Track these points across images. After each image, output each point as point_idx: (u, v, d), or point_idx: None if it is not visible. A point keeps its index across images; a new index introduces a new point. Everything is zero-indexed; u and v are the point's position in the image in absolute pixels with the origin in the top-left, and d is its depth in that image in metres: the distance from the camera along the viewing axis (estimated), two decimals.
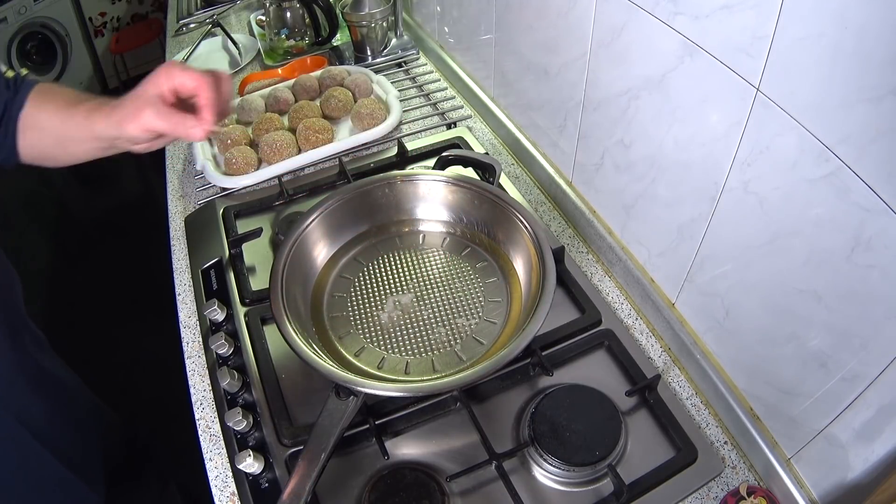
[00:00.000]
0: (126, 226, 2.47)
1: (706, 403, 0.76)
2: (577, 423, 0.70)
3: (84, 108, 0.67)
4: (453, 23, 1.23)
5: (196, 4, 1.67)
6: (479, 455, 0.69)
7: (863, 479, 0.57)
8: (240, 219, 1.00)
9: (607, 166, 0.85)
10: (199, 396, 0.80)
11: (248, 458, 0.67)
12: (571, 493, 0.68)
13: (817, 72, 0.49)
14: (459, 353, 0.74)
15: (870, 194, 0.47)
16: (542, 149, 1.04)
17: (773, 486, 0.67)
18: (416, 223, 0.88)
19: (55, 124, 0.69)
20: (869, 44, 0.44)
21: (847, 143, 0.48)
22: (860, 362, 0.53)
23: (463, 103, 1.24)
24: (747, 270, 0.64)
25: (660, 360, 0.80)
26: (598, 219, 0.91)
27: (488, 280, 0.81)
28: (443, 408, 0.75)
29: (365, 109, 1.11)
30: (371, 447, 0.72)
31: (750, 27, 0.53)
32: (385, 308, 0.79)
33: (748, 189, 0.60)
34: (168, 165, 1.15)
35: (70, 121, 0.68)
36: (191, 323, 0.88)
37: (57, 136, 0.70)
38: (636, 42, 0.70)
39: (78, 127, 0.68)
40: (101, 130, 0.66)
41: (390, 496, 0.66)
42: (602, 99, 0.80)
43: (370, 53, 1.35)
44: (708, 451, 0.70)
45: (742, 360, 0.70)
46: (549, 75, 0.92)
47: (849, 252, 0.51)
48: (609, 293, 0.88)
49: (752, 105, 0.56)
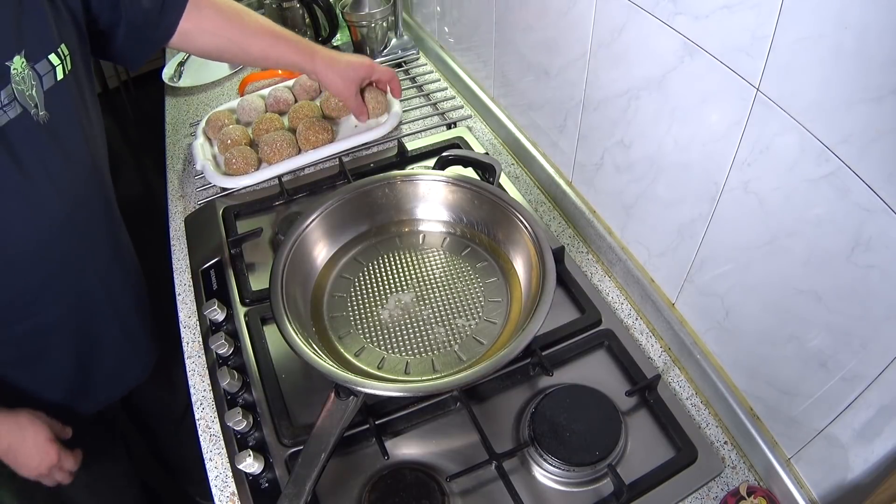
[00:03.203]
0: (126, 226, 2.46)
1: (706, 403, 0.76)
2: (577, 423, 0.70)
3: (285, 36, 0.93)
4: (453, 23, 1.23)
5: None
6: (479, 455, 0.69)
7: (863, 479, 0.57)
8: (240, 219, 0.99)
9: (607, 166, 0.85)
10: (199, 396, 0.80)
11: (248, 458, 0.67)
12: (571, 493, 0.68)
13: (817, 72, 0.49)
14: (459, 353, 0.74)
15: (870, 194, 0.47)
16: (542, 149, 1.04)
17: (773, 486, 0.67)
18: (416, 223, 0.88)
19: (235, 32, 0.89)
20: (869, 44, 0.44)
21: (847, 143, 0.48)
22: (860, 362, 0.53)
23: (463, 103, 1.24)
24: (747, 271, 0.64)
25: (660, 360, 0.80)
26: (598, 219, 0.91)
27: (488, 280, 0.81)
28: (443, 408, 0.75)
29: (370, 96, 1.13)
30: (371, 447, 0.72)
31: (750, 27, 0.53)
32: (385, 308, 0.79)
33: (748, 189, 0.60)
34: (168, 165, 1.15)
35: (256, 37, 0.90)
36: (191, 323, 0.88)
37: (237, 37, 0.89)
38: (636, 42, 0.70)
39: (264, 45, 0.90)
40: (293, 62, 0.93)
41: (390, 496, 0.66)
42: (602, 99, 0.80)
43: (370, 53, 1.35)
44: (708, 451, 0.70)
45: (742, 361, 0.70)
46: (549, 75, 0.92)
47: (849, 252, 0.51)
48: (609, 293, 0.88)
49: (752, 105, 0.56)
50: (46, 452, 0.74)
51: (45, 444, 0.74)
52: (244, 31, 0.89)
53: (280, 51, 0.92)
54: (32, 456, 0.73)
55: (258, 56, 0.93)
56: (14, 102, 0.63)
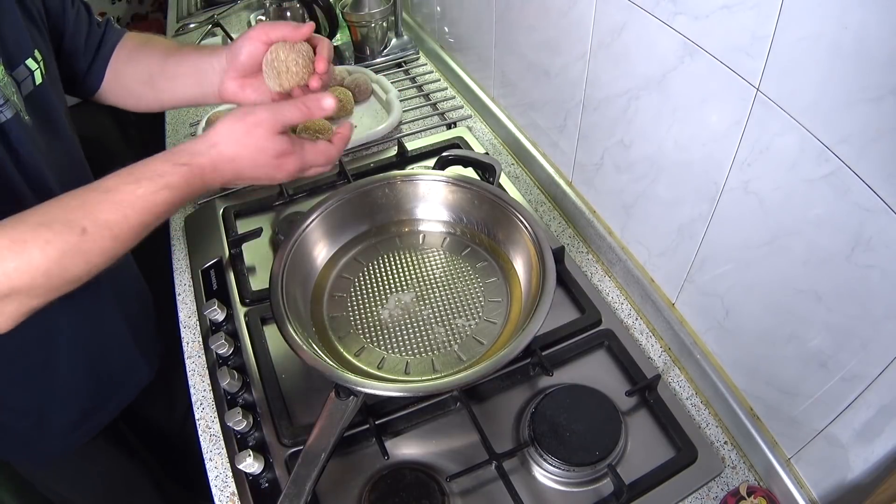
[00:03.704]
0: None
1: (706, 403, 0.76)
2: (577, 423, 0.70)
3: (189, 47, 0.75)
4: (453, 23, 1.23)
5: (196, 4, 1.67)
6: (479, 455, 0.69)
7: (863, 479, 0.57)
8: (240, 219, 0.99)
9: (607, 166, 0.85)
10: (199, 396, 0.80)
11: (248, 458, 0.67)
12: (571, 493, 0.68)
13: (817, 72, 0.49)
14: (459, 353, 0.74)
15: (870, 194, 0.47)
16: (542, 149, 1.04)
17: (773, 486, 0.67)
18: (416, 223, 0.88)
19: (156, 58, 0.75)
20: (869, 44, 0.44)
21: (847, 143, 0.48)
22: (860, 362, 0.53)
23: (463, 103, 1.24)
24: (747, 270, 0.64)
25: (660, 360, 0.80)
26: (598, 219, 0.91)
27: (488, 280, 0.81)
28: (443, 408, 0.75)
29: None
30: (371, 447, 0.72)
31: (750, 27, 0.53)
32: (385, 308, 0.79)
33: (748, 189, 0.60)
34: None
35: (172, 56, 0.74)
36: (191, 323, 0.88)
37: (152, 71, 0.75)
38: (636, 42, 0.70)
39: (179, 61, 0.73)
40: (206, 62, 0.71)
41: (390, 496, 0.66)
42: (602, 99, 0.80)
43: (370, 53, 1.35)
44: (708, 451, 0.70)
45: (742, 360, 0.70)
46: (549, 75, 0.92)
47: (849, 252, 0.51)
48: (609, 293, 0.88)
49: (752, 105, 0.56)
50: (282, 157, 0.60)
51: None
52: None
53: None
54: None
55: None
56: (8, 103, 0.62)
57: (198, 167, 0.56)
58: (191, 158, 0.56)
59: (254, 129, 0.58)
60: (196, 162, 0.56)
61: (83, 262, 0.53)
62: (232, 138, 0.57)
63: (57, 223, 0.51)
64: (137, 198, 0.54)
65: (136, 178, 0.54)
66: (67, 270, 0.52)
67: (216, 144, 0.57)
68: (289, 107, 0.59)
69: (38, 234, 0.50)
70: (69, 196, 0.54)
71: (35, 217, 0.52)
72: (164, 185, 0.55)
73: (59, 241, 0.51)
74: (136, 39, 0.79)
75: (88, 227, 0.52)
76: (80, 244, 0.52)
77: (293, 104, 0.59)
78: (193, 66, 0.73)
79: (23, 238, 0.50)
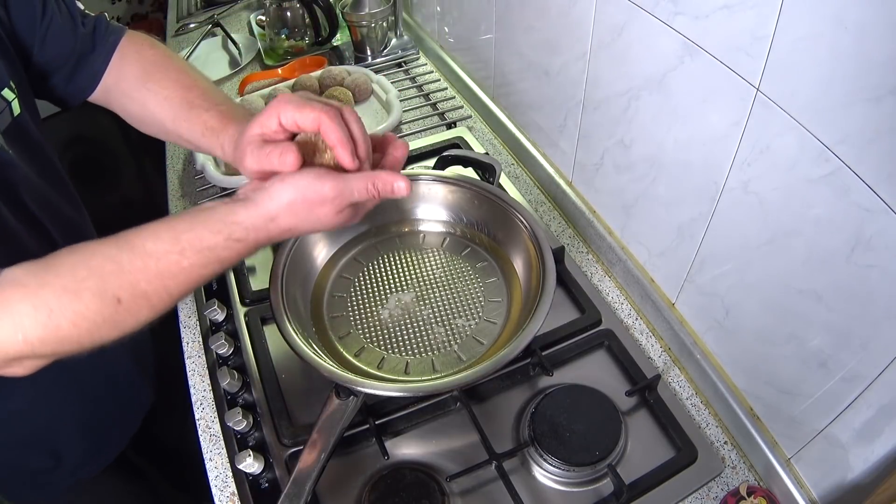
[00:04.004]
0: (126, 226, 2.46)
1: (706, 403, 0.76)
2: (577, 423, 0.70)
3: (200, 116, 0.62)
4: (453, 23, 1.23)
5: (196, 4, 1.67)
6: (479, 455, 0.69)
7: (863, 479, 0.57)
8: None
9: (607, 166, 0.85)
10: (199, 396, 0.80)
11: (248, 458, 0.67)
12: (571, 493, 0.68)
13: (817, 72, 0.49)
14: (459, 353, 0.74)
15: (870, 194, 0.47)
16: (542, 149, 1.04)
17: (773, 486, 0.67)
18: (416, 223, 0.88)
19: (161, 108, 0.65)
20: (868, 44, 0.44)
21: (847, 143, 0.48)
22: (860, 362, 0.53)
23: (463, 103, 1.24)
24: (747, 270, 0.64)
25: (660, 360, 0.80)
26: (598, 219, 0.91)
27: (488, 280, 0.81)
28: (443, 408, 0.75)
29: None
30: (371, 447, 0.72)
31: (750, 27, 0.53)
32: (385, 308, 0.79)
33: (748, 189, 0.60)
34: (168, 165, 1.15)
35: (181, 117, 0.64)
36: (191, 323, 0.88)
37: (160, 119, 0.66)
38: (636, 42, 0.70)
39: (188, 127, 0.64)
40: (210, 149, 0.62)
41: (390, 496, 0.66)
42: (602, 99, 0.80)
43: (370, 53, 1.35)
44: (708, 451, 0.70)
45: (742, 360, 0.70)
46: (549, 75, 0.92)
47: (849, 252, 0.51)
48: (609, 293, 0.88)
49: (752, 105, 0.56)
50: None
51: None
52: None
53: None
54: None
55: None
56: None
57: (253, 242, 0.52)
58: (247, 234, 0.51)
59: (318, 207, 0.52)
60: (252, 238, 0.52)
61: (115, 332, 0.49)
62: (292, 212, 0.51)
63: (87, 293, 0.46)
64: (182, 270, 0.49)
65: (181, 247, 0.49)
66: (97, 338, 0.48)
67: (275, 219, 0.51)
68: (358, 185, 0.52)
69: (66, 303, 0.46)
70: (100, 254, 0.48)
71: (60, 279, 0.46)
72: (214, 260, 0.50)
73: (91, 314, 0.46)
74: (143, 65, 0.69)
75: (124, 297, 0.47)
76: (114, 316, 0.47)
77: (362, 183, 0.52)
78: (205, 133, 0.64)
79: (48, 306, 0.45)
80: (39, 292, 0.45)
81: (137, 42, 0.71)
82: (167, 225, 0.50)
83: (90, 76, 0.69)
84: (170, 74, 0.66)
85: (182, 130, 0.64)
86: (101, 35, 0.69)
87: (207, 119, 0.62)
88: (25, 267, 0.47)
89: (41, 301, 0.45)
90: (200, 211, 0.51)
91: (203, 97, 0.64)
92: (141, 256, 0.48)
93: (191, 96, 0.65)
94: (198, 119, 0.63)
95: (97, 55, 0.69)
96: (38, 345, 0.46)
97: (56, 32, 0.66)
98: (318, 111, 0.51)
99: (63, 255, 0.48)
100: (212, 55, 1.46)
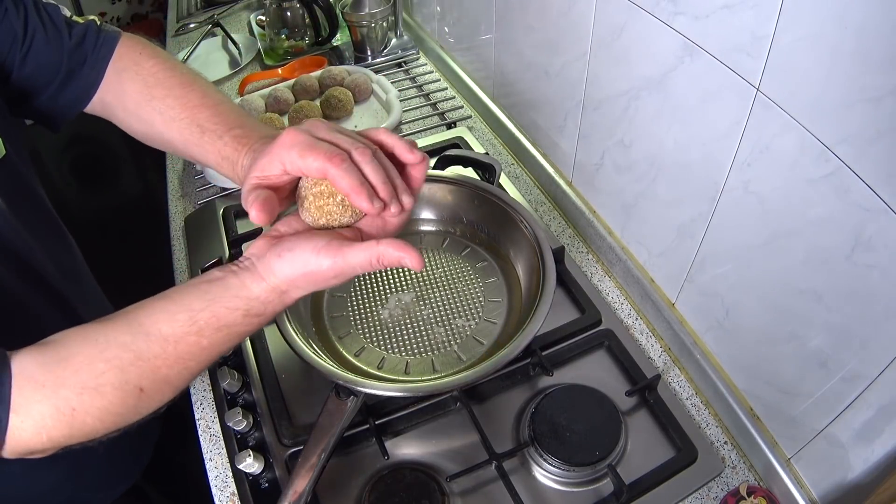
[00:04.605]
0: (126, 226, 2.47)
1: (706, 403, 0.76)
2: (577, 423, 0.70)
3: (214, 143, 0.59)
4: (453, 23, 1.23)
5: (196, 4, 1.68)
6: (479, 455, 0.69)
7: (863, 479, 0.57)
8: (240, 219, 0.99)
9: (607, 166, 0.85)
10: (199, 396, 0.80)
11: (248, 458, 0.67)
12: (571, 493, 0.68)
13: (817, 72, 0.49)
14: (459, 353, 0.74)
15: (870, 194, 0.47)
16: (542, 149, 1.04)
17: (773, 486, 0.67)
18: (415, 223, 0.88)
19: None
20: (868, 44, 0.44)
21: (847, 143, 0.48)
22: (860, 362, 0.53)
23: (463, 103, 1.24)
24: (747, 270, 0.64)
25: (660, 360, 0.80)
26: (598, 219, 0.91)
27: (488, 280, 0.81)
28: (443, 408, 0.75)
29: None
30: (371, 447, 0.72)
31: (750, 27, 0.53)
32: (385, 308, 0.79)
33: (748, 189, 0.60)
34: (168, 165, 1.15)
35: (192, 142, 0.60)
36: None
37: (168, 139, 0.63)
38: (636, 42, 0.70)
39: (200, 153, 0.60)
40: (227, 176, 0.59)
41: (390, 496, 0.66)
42: (602, 99, 0.80)
43: (370, 53, 1.35)
44: (708, 451, 0.70)
45: (742, 360, 0.70)
46: (549, 75, 0.92)
47: (849, 252, 0.51)
48: (609, 293, 0.88)
49: (752, 105, 0.56)
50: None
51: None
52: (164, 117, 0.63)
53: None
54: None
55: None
56: None
57: (271, 314, 0.51)
58: (264, 309, 0.49)
59: (327, 281, 0.50)
60: (268, 312, 0.50)
61: (139, 417, 0.48)
62: (296, 285, 0.50)
63: (109, 387, 0.45)
64: (202, 350, 0.47)
65: (199, 327, 0.47)
66: (122, 425, 0.48)
67: (287, 292, 0.50)
68: (360, 261, 0.48)
69: (89, 401, 0.44)
70: (114, 343, 0.46)
71: (78, 375, 0.44)
72: (234, 335, 0.49)
73: (115, 408, 0.45)
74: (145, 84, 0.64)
75: (146, 386, 0.46)
76: (138, 404, 0.46)
77: (365, 258, 0.48)
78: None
79: (70, 406, 0.44)
80: (60, 392, 0.44)
81: (135, 53, 0.65)
82: (178, 304, 0.48)
83: (79, 94, 0.64)
84: (174, 91, 0.62)
85: (194, 154, 0.62)
86: (91, 46, 0.64)
87: (221, 148, 0.59)
88: (33, 356, 0.45)
89: (63, 402, 0.44)
90: (210, 284, 0.48)
91: (214, 119, 0.60)
92: (158, 342, 0.46)
93: (201, 118, 0.60)
94: (211, 147, 0.59)
95: (87, 70, 0.63)
96: (62, 440, 0.45)
97: (39, 50, 0.61)
98: (323, 160, 0.47)
99: (72, 344, 0.46)
100: (212, 55, 1.46)
